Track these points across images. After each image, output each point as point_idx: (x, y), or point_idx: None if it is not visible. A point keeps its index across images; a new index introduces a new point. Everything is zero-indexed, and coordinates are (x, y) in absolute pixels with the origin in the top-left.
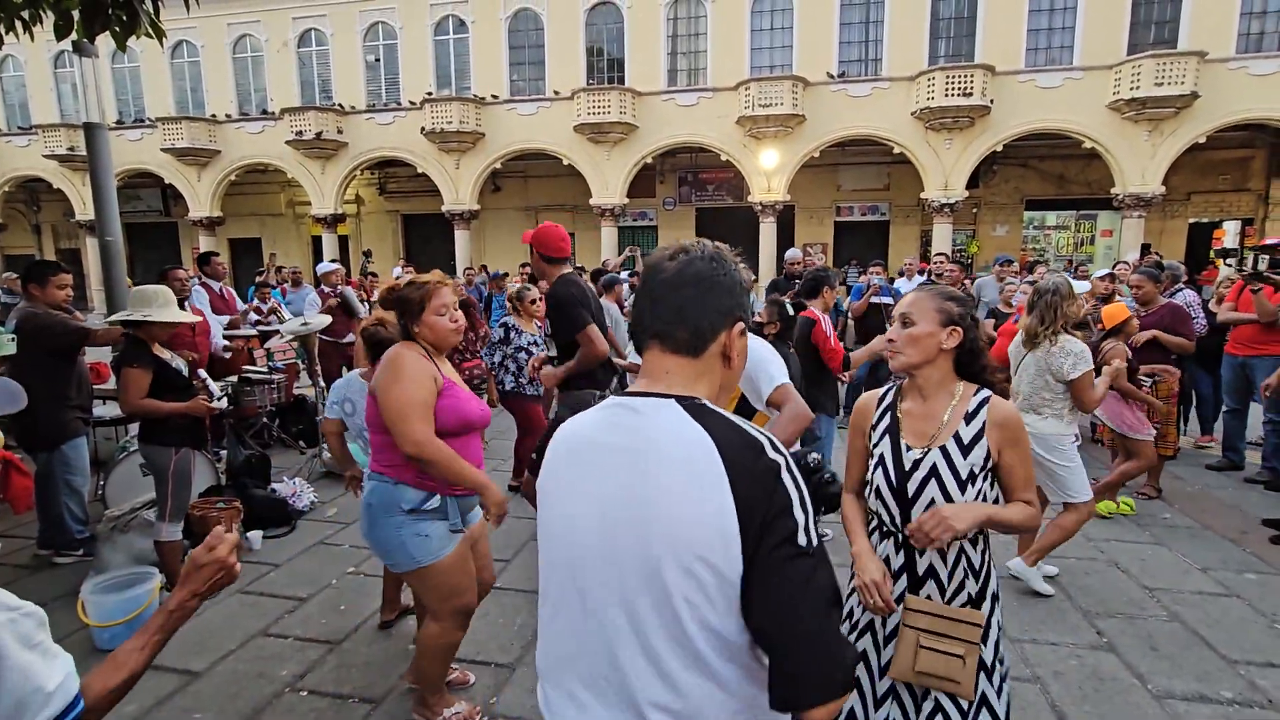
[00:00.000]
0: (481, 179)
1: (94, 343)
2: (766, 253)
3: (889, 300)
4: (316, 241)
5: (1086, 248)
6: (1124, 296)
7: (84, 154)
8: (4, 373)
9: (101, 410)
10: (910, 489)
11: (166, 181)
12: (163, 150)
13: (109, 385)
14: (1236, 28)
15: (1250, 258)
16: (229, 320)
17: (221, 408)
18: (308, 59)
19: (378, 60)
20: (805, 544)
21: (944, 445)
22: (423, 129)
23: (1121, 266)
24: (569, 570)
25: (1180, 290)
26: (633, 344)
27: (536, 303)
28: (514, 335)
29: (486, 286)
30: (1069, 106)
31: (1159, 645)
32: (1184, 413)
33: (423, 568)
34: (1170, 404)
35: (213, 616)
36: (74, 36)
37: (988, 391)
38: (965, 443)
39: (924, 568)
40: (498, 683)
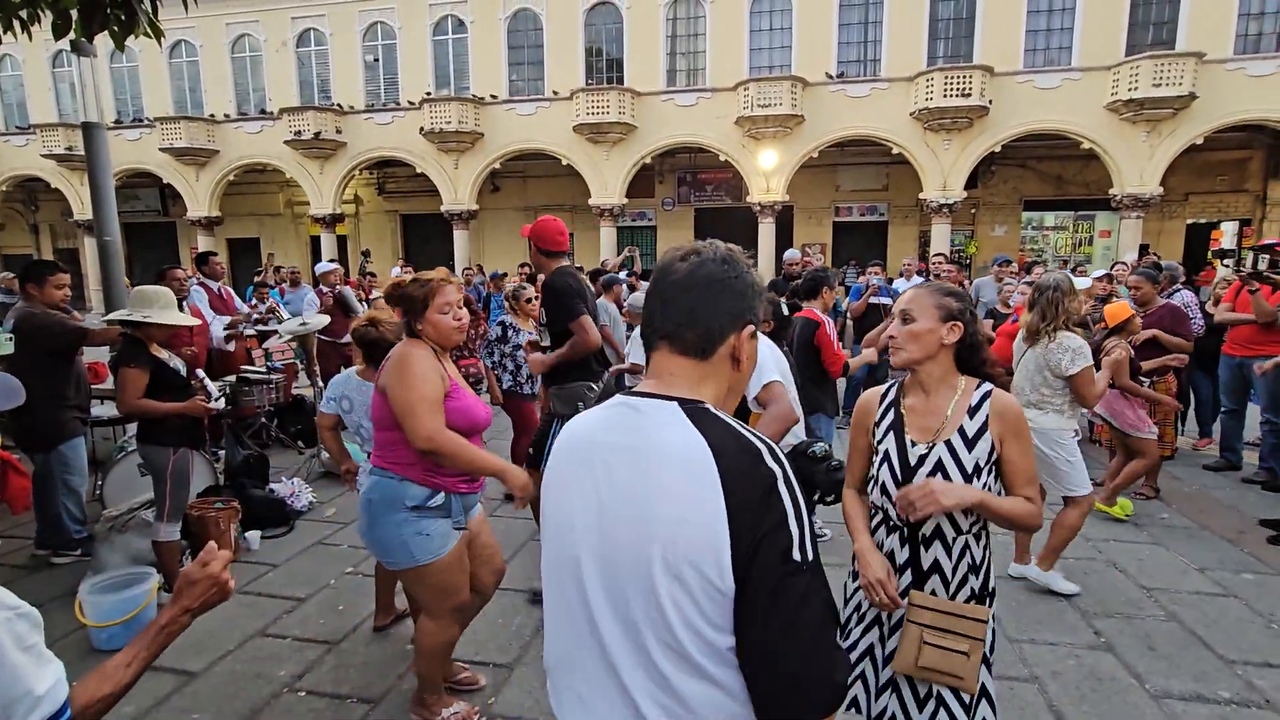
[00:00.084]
0: (480, 179)
1: (92, 342)
2: (765, 253)
3: (888, 300)
4: (315, 241)
5: (1085, 248)
6: (1120, 298)
7: (82, 154)
8: (2, 370)
9: (99, 410)
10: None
11: (165, 181)
12: (161, 150)
13: (107, 385)
14: (1234, 29)
15: (1249, 257)
16: (228, 322)
17: (219, 408)
18: (306, 59)
19: (377, 60)
20: (801, 560)
21: (949, 440)
22: (421, 129)
23: (1120, 267)
24: (570, 566)
25: (1178, 291)
26: (642, 344)
27: (533, 301)
28: (511, 334)
29: (485, 286)
30: (1067, 107)
31: (1157, 645)
32: (1181, 414)
33: (422, 566)
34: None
35: (211, 617)
36: (72, 36)
37: (990, 385)
38: (969, 436)
39: (929, 563)
40: (496, 683)
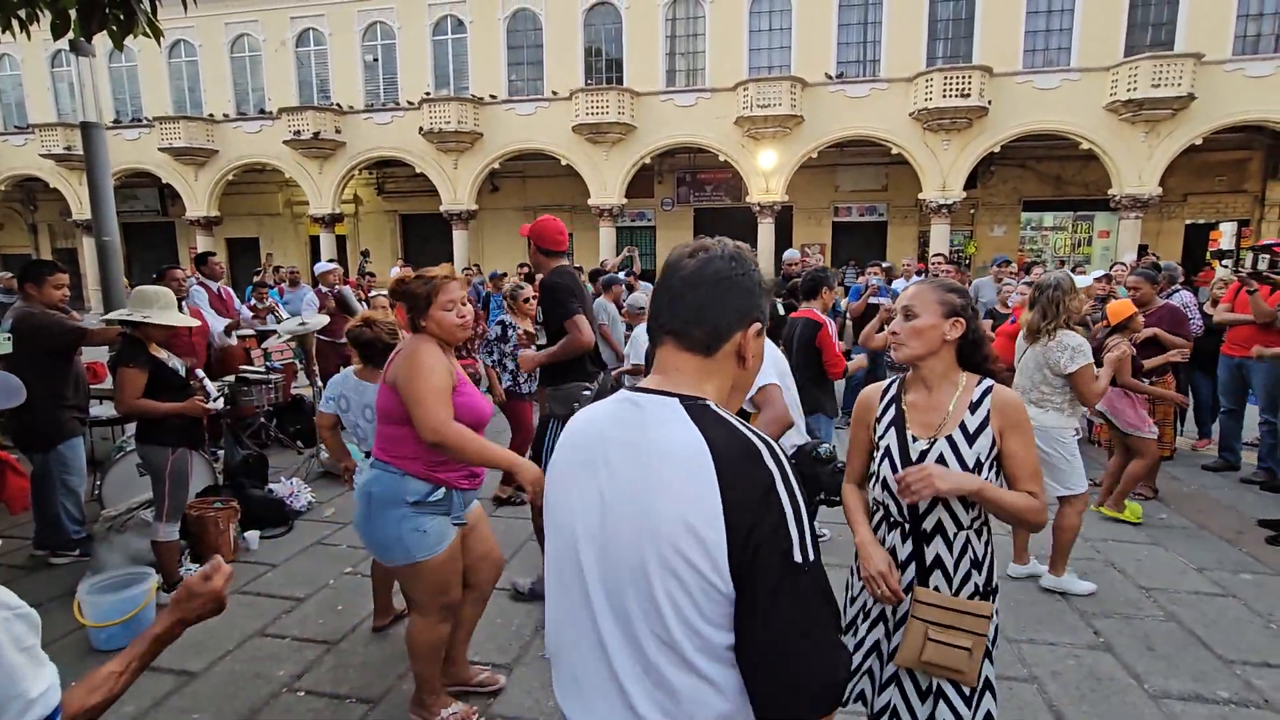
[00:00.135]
0: (480, 179)
1: (90, 342)
2: (764, 253)
3: (887, 301)
4: (314, 241)
5: (1084, 249)
6: (1119, 299)
7: (81, 153)
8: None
9: (98, 410)
10: None
11: (164, 181)
12: (160, 150)
13: (106, 385)
14: (1233, 30)
15: (1248, 258)
16: (228, 324)
17: (217, 408)
18: (306, 59)
19: (376, 60)
20: (802, 561)
21: (950, 435)
22: (421, 129)
23: (1119, 268)
24: (570, 557)
25: (1177, 291)
26: (644, 342)
27: (530, 301)
28: (511, 333)
29: (484, 286)
30: (1066, 108)
31: (1156, 645)
32: (1180, 413)
33: (417, 563)
34: (1166, 404)
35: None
36: (71, 35)
37: (991, 381)
38: (971, 432)
39: (931, 558)
40: None
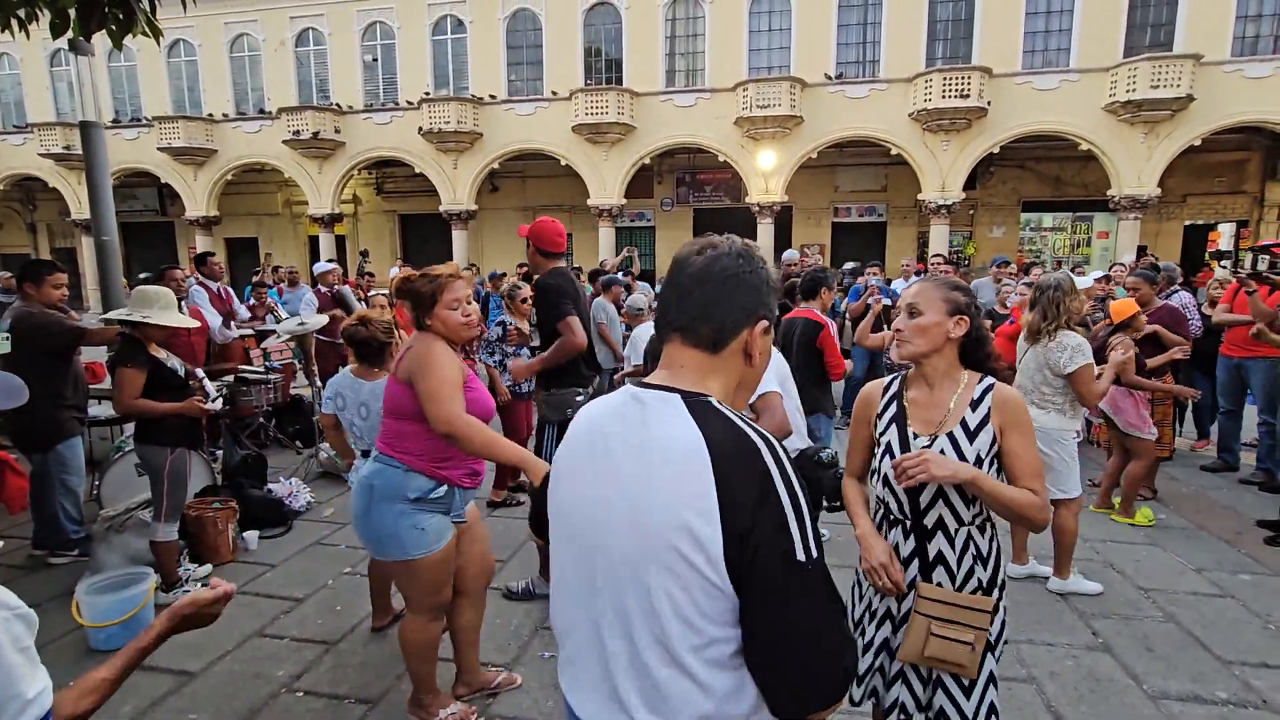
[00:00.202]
0: (479, 179)
1: (89, 342)
2: (764, 254)
3: (886, 301)
4: (313, 241)
5: (1083, 249)
6: (1116, 299)
7: (80, 153)
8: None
9: (97, 410)
10: None
11: (163, 181)
12: (159, 149)
13: (105, 385)
14: (1232, 31)
15: (1248, 258)
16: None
17: (216, 408)
18: (305, 58)
19: (375, 60)
20: (805, 559)
21: (951, 432)
22: (420, 129)
23: (1118, 268)
24: (572, 547)
25: (1176, 292)
26: (642, 343)
27: (528, 301)
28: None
29: (483, 286)
30: (1066, 109)
31: (1154, 646)
32: (1179, 414)
33: (413, 560)
34: (1166, 405)
35: None
36: (70, 35)
37: (992, 379)
38: (971, 429)
39: (934, 554)
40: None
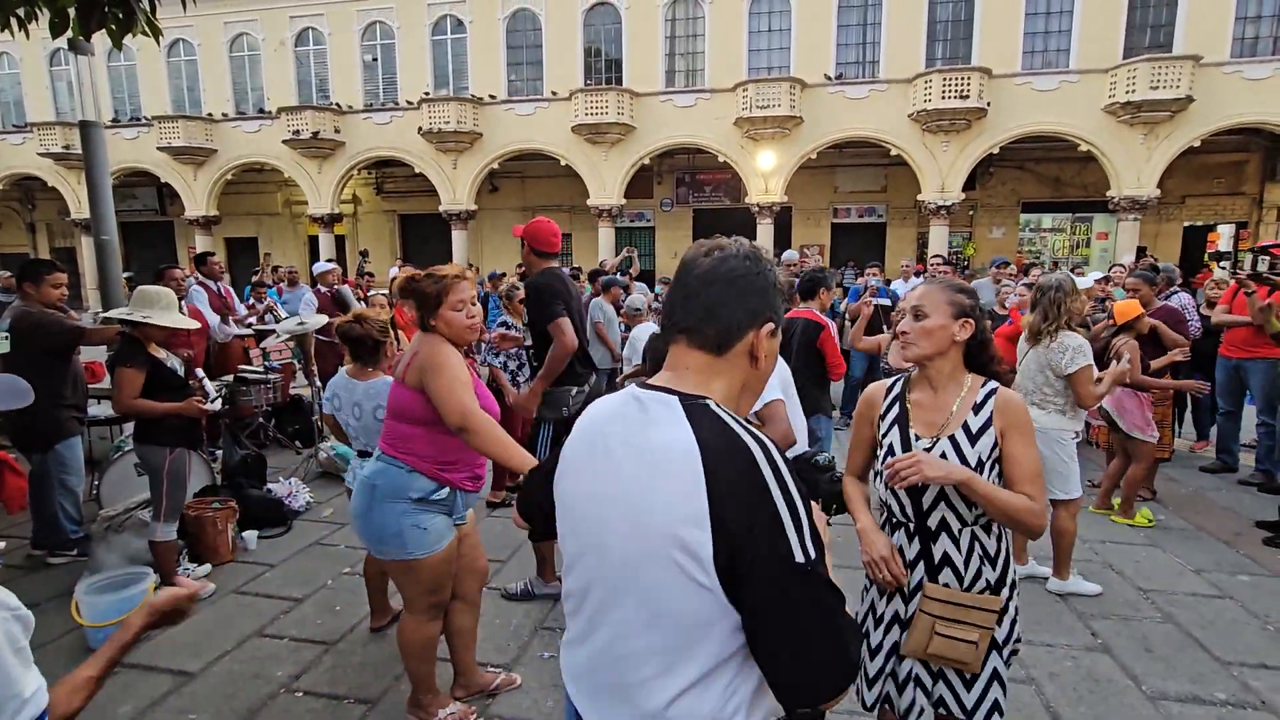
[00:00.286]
0: (479, 179)
1: (89, 342)
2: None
3: (886, 302)
4: (313, 241)
5: (1082, 250)
6: (1115, 300)
7: (79, 152)
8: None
9: (96, 410)
10: None
11: (162, 180)
12: (159, 149)
13: (104, 385)
14: (1231, 32)
15: (1247, 259)
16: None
17: (215, 408)
18: (305, 58)
19: (375, 60)
20: (804, 561)
21: (953, 435)
22: (420, 129)
23: (1117, 269)
24: (575, 539)
25: (1175, 293)
26: (642, 344)
27: (525, 301)
28: (513, 333)
29: (483, 286)
30: (1065, 109)
31: (1153, 647)
32: (1179, 415)
33: (414, 560)
34: (1165, 406)
35: (208, 617)
36: (70, 34)
37: (995, 383)
38: (973, 432)
39: (939, 555)
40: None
